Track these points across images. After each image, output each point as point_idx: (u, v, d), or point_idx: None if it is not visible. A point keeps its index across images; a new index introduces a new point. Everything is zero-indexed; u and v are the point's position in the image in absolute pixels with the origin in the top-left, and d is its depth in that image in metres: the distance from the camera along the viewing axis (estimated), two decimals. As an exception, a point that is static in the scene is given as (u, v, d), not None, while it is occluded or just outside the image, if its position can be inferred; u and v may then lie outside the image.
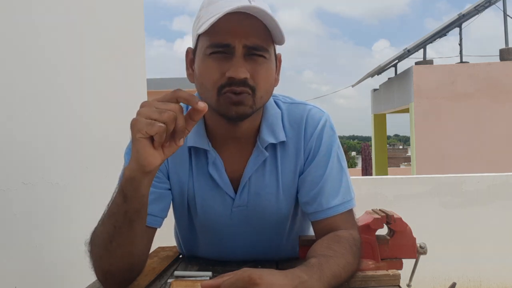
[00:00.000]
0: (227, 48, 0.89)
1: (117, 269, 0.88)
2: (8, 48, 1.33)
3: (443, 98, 9.91)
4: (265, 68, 0.91)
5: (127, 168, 0.78)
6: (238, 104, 0.90)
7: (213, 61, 0.90)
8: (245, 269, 0.73)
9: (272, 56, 0.94)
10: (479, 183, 3.31)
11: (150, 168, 0.77)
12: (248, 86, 0.90)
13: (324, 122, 1.04)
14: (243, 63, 0.89)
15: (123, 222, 0.82)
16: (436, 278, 3.22)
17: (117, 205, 0.82)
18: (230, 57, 0.89)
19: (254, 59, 0.90)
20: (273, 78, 0.96)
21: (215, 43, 0.89)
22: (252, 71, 0.90)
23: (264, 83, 0.92)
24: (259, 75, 0.91)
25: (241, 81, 0.88)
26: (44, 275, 1.47)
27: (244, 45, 0.88)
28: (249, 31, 0.88)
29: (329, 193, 1.00)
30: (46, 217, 1.49)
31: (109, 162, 1.39)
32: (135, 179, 0.78)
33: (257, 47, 0.89)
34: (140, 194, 0.80)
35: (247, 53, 0.89)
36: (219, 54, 0.89)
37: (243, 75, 0.88)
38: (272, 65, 0.95)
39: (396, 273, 0.96)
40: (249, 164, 1.02)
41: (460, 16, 11.18)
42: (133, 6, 2.43)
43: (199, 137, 1.01)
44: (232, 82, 0.89)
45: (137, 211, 0.82)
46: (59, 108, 1.60)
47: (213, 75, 0.90)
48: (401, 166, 25.62)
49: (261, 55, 0.90)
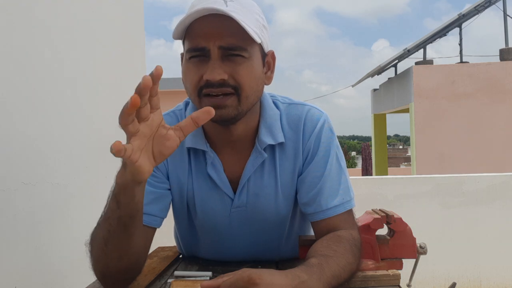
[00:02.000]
0: (203, 52, 0.89)
1: (115, 269, 0.88)
2: (8, 48, 1.33)
3: (443, 98, 9.90)
4: (245, 67, 0.91)
5: (119, 176, 0.77)
6: (220, 107, 0.90)
7: (192, 65, 0.91)
8: (245, 269, 0.73)
9: (255, 54, 0.93)
10: (479, 183, 3.31)
11: (142, 178, 0.75)
12: (229, 86, 0.90)
13: (323, 122, 1.04)
14: (220, 64, 0.89)
15: (117, 227, 0.82)
16: (436, 278, 3.22)
17: (111, 210, 0.82)
18: (208, 60, 0.89)
19: (232, 59, 0.90)
20: (258, 77, 0.94)
21: (192, 47, 0.90)
22: (231, 71, 0.90)
23: (247, 82, 0.91)
24: (239, 75, 0.90)
25: (218, 82, 0.89)
26: (44, 275, 1.47)
27: (219, 46, 0.88)
28: (223, 32, 0.88)
29: (328, 194, 1.00)
30: (46, 217, 1.49)
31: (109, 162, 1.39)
32: (128, 187, 0.77)
33: (233, 47, 0.89)
34: (134, 200, 0.80)
35: (224, 54, 0.89)
36: (197, 58, 0.90)
37: (219, 77, 0.88)
38: (255, 64, 0.93)
39: (396, 273, 0.96)
40: (247, 165, 1.02)
41: (460, 16, 11.18)
42: (133, 6, 2.43)
43: (197, 138, 1.01)
44: (209, 84, 0.89)
45: (131, 217, 0.82)
46: (59, 108, 1.60)
47: (192, 78, 0.91)
48: (401, 166, 25.61)
49: (239, 55, 0.90)
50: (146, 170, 0.74)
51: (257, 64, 0.94)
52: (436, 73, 10.10)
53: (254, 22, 0.91)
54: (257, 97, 0.97)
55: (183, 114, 1.06)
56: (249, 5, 0.92)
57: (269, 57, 1.00)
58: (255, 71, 0.93)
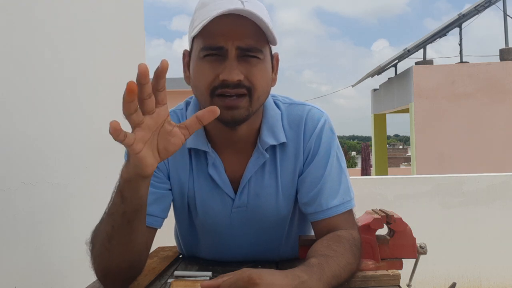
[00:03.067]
0: (220, 51, 0.88)
1: (116, 268, 0.88)
2: (8, 48, 1.33)
3: (443, 98, 9.90)
4: (259, 68, 0.91)
5: (124, 171, 0.78)
6: (233, 108, 0.90)
7: (207, 63, 0.90)
8: (245, 269, 0.73)
9: (267, 56, 0.94)
10: (479, 183, 3.32)
11: (147, 173, 0.76)
12: (244, 87, 0.90)
13: (324, 122, 1.04)
14: (237, 65, 0.88)
15: (122, 222, 0.82)
16: (436, 278, 3.22)
17: (115, 205, 0.82)
18: (223, 59, 0.89)
19: (248, 60, 0.90)
20: (269, 79, 0.96)
21: (208, 45, 0.89)
22: (247, 72, 0.90)
23: (260, 84, 0.92)
24: (254, 76, 0.90)
25: (235, 83, 0.88)
26: (44, 275, 1.47)
27: (237, 47, 0.88)
28: (242, 33, 0.88)
29: (329, 194, 1.00)
30: (46, 217, 1.49)
31: (109, 162, 1.39)
32: (133, 182, 0.78)
33: (250, 48, 0.89)
34: (138, 195, 0.80)
35: (240, 55, 0.89)
36: (213, 56, 0.89)
37: (237, 77, 0.88)
38: (267, 66, 0.94)
39: (396, 273, 0.96)
40: (249, 166, 1.02)
41: (460, 16, 11.17)
42: (133, 6, 2.43)
43: (198, 138, 1.01)
44: (225, 85, 0.89)
45: (136, 211, 0.82)
46: (59, 108, 1.60)
47: (206, 77, 0.90)
48: (401, 166, 25.61)
49: (255, 56, 0.90)
50: (149, 163, 0.74)
51: (269, 65, 0.95)
52: (436, 73, 10.10)
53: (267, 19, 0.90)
54: (266, 98, 0.98)
55: (184, 113, 1.06)
56: (261, 6, 0.92)
57: (274, 59, 1.00)
58: (267, 73, 0.94)
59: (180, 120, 1.05)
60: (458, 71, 10.03)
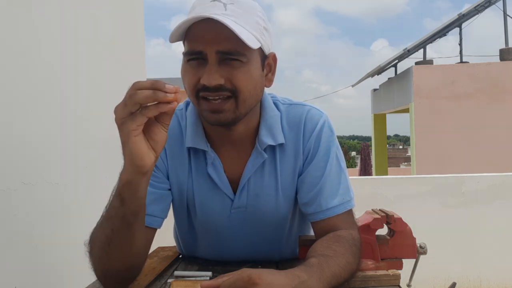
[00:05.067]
0: (201, 55, 0.89)
1: (116, 269, 0.88)
2: (8, 48, 1.33)
3: (443, 98, 9.90)
4: (243, 71, 0.90)
5: (123, 172, 0.79)
6: (218, 111, 0.91)
7: (190, 67, 0.91)
8: (245, 269, 0.73)
9: (254, 58, 0.92)
10: (479, 183, 3.31)
11: (146, 168, 0.77)
12: (226, 90, 0.90)
13: (323, 123, 1.04)
14: (217, 69, 0.88)
15: (121, 225, 0.82)
16: (436, 278, 3.22)
17: (114, 208, 0.82)
18: (205, 63, 0.89)
19: (230, 63, 0.89)
20: (256, 80, 0.94)
21: (190, 50, 0.90)
22: (228, 75, 0.89)
23: (245, 86, 0.91)
24: (237, 79, 0.90)
25: (215, 87, 0.89)
26: (44, 275, 1.47)
27: (217, 51, 0.88)
28: (221, 37, 0.87)
29: (328, 194, 1.00)
30: (46, 217, 1.49)
31: (109, 162, 1.39)
32: (133, 182, 0.78)
33: (230, 52, 0.88)
34: (138, 196, 0.80)
35: (221, 58, 0.89)
36: (195, 60, 0.90)
37: (215, 82, 0.88)
38: (253, 68, 0.92)
39: (396, 273, 0.96)
40: (248, 166, 1.02)
41: (460, 16, 11.18)
42: (133, 6, 2.43)
43: (198, 138, 1.01)
44: (206, 89, 0.89)
45: (135, 214, 0.82)
46: (59, 108, 1.60)
47: (190, 81, 0.91)
48: (401, 166, 25.61)
49: (237, 59, 0.89)
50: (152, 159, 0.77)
51: (256, 67, 0.93)
52: (436, 73, 10.10)
53: (254, 25, 0.90)
54: (256, 100, 0.97)
55: (184, 114, 1.06)
56: (250, 8, 0.92)
57: (270, 59, 0.99)
58: (253, 75, 0.93)
59: (180, 121, 1.05)
60: (458, 71, 10.03)
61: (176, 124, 1.04)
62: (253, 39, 0.88)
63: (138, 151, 0.76)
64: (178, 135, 1.04)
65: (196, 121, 1.02)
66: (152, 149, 0.78)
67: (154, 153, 0.78)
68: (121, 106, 0.74)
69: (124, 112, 0.74)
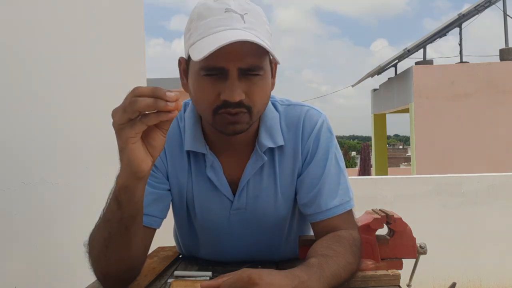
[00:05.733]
0: (221, 71, 0.87)
1: (115, 271, 0.88)
2: (8, 48, 1.33)
3: (443, 98, 9.90)
4: (260, 85, 0.91)
5: (119, 177, 0.78)
6: (235, 123, 0.91)
7: (208, 83, 0.89)
8: (245, 269, 0.73)
9: (267, 68, 0.93)
10: (479, 183, 3.32)
11: (143, 173, 0.77)
12: (244, 106, 0.89)
13: (322, 123, 1.04)
14: (238, 84, 0.87)
15: (118, 229, 0.82)
16: (436, 278, 3.22)
17: (111, 212, 0.82)
18: (225, 78, 0.88)
19: (249, 78, 0.89)
20: (269, 91, 0.95)
21: (209, 66, 0.87)
22: (247, 90, 0.89)
23: (261, 100, 0.92)
24: (255, 94, 0.90)
25: (237, 103, 0.88)
26: (44, 275, 1.47)
27: (238, 67, 0.87)
28: (243, 54, 0.86)
29: (328, 194, 1.00)
30: (46, 217, 1.49)
31: (109, 162, 1.39)
32: (129, 187, 0.78)
33: (251, 68, 0.88)
34: (134, 200, 0.80)
35: (241, 74, 0.88)
36: (213, 76, 0.88)
37: (238, 98, 0.87)
38: (268, 79, 0.93)
39: (396, 273, 0.96)
40: (247, 168, 1.02)
41: (460, 16, 11.17)
42: (133, 6, 2.43)
43: (197, 141, 1.01)
44: (227, 105, 0.88)
45: (132, 217, 0.82)
46: (59, 108, 1.60)
47: (208, 96, 0.90)
48: (401, 166, 25.60)
49: (257, 74, 0.89)
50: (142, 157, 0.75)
51: (269, 77, 0.95)
52: (436, 73, 10.09)
53: (266, 34, 0.90)
54: (265, 107, 0.98)
55: (182, 115, 1.05)
56: (259, 16, 0.91)
57: (273, 64, 0.99)
58: (268, 85, 0.94)
59: (179, 122, 1.04)
60: (458, 71, 10.03)
61: (175, 125, 1.03)
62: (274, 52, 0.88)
63: (136, 157, 0.74)
64: (177, 136, 1.03)
65: (195, 123, 1.02)
66: (149, 154, 0.76)
67: (151, 158, 0.77)
68: (120, 112, 0.72)
69: (123, 118, 0.72)
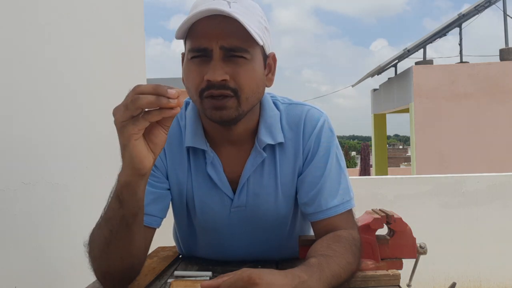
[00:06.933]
0: (205, 52, 0.88)
1: (115, 270, 0.88)
2: (8, 49, 1.33)
3: (443, 98, 9.90)
4: (246, 69, 0.90)
5: (121, 174, 0.79)
6: (221, 108, 0.90)
7: (194, 65, 0.90)
8: (245, 269, 0.73)
9: (257, 56, 0.93)
10: (479, 183, 3.31)
11: (145, 170, 0.77)
12: (229, 88, 0.89)
13: (323, 122, 1.04)
14: (221, 65, 0.88)
15: (120, 227, 0.82)
16: (436, 278, 3.22)
17: (113, 210, 0.82)
18: (209, 60, 0.88)
19: (234, 60, 0.89)
20: (258, 79, 0.94)
21: (194, 47, 0.89)
22: (233, 72, 0.89)
23: (247, 84, 0.91)
24: (240, 76, 0.89)
25: (220, 84, 0.88)
26: (44, 275, 1.47)
27: (221, 46, 0.87)
28: (226, 33, 0.87)
29: (328, 194, 1.00)
30: (46, 217, 1.49)
31: (109, 162, 1.39)
32: (131, 184, 0.78)
33: (235, 48, 0.88)
34: (136, 198, 0.80)
35: (226, 55, 0.88)
36: (199, 58, 0.89)
37: (220, 77, 0.87)
38: (256, 66, 0.93)
39: (396, 273, 0.96)
40: (247, 165, 1.02)
41: (460, 16, 11.18)
42: (133, 6, 2.43)
43: (197, 137, 1.01)
44: (210, 85, 0.88)
45: (134, 215, 0.82)
46: (59, 108, 1.60)
47: (194, 79, 0.90)
48: (401, 166, 25.62)
49: (241, 56, 0.89)
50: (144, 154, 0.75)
51: (259, 66, 0.94)
52: (436, 73, 10.10)
53: (257, 24, 0.90)
54: (258, 98, 0.97)
55: (183, 113, 1.06)
56: (252, 7, 0.92)
57: (270, 59, 0.99)
58: (256, 73, 0.93)
59: (179, 120, 1.05)
60: (458, 71, 10.04)
61: (175, 123, 1.03)
62: (257, 36, 0.88)
63: (138, 154, 0.75)
64: (177, 134, 1.04)
65: (196, 120, 1.02)
66: (151, 151, 0.77)
67: (153, 155, 0.78)
68: (122, 109, 0.73)
69: (125, 115, 0.72)
